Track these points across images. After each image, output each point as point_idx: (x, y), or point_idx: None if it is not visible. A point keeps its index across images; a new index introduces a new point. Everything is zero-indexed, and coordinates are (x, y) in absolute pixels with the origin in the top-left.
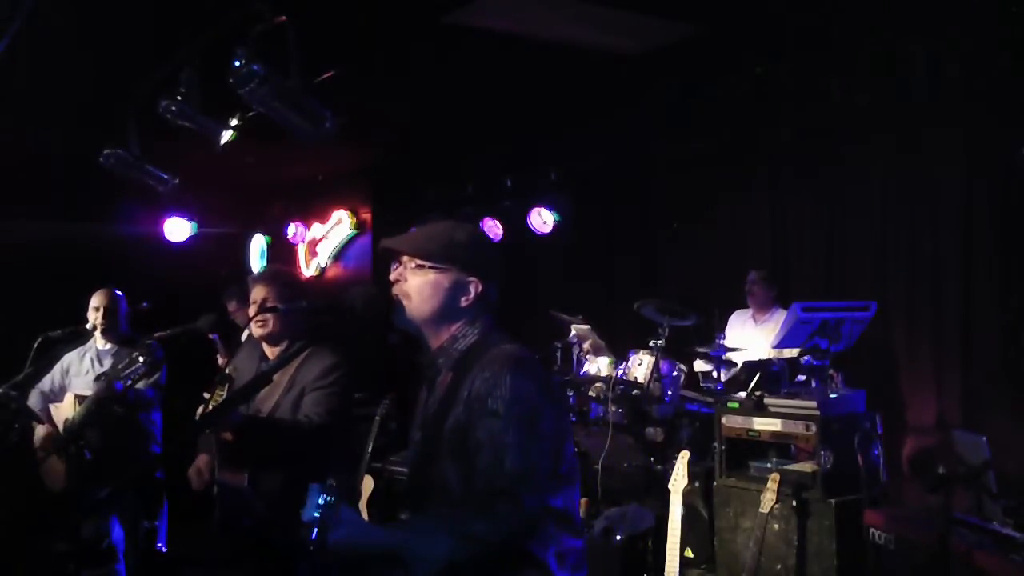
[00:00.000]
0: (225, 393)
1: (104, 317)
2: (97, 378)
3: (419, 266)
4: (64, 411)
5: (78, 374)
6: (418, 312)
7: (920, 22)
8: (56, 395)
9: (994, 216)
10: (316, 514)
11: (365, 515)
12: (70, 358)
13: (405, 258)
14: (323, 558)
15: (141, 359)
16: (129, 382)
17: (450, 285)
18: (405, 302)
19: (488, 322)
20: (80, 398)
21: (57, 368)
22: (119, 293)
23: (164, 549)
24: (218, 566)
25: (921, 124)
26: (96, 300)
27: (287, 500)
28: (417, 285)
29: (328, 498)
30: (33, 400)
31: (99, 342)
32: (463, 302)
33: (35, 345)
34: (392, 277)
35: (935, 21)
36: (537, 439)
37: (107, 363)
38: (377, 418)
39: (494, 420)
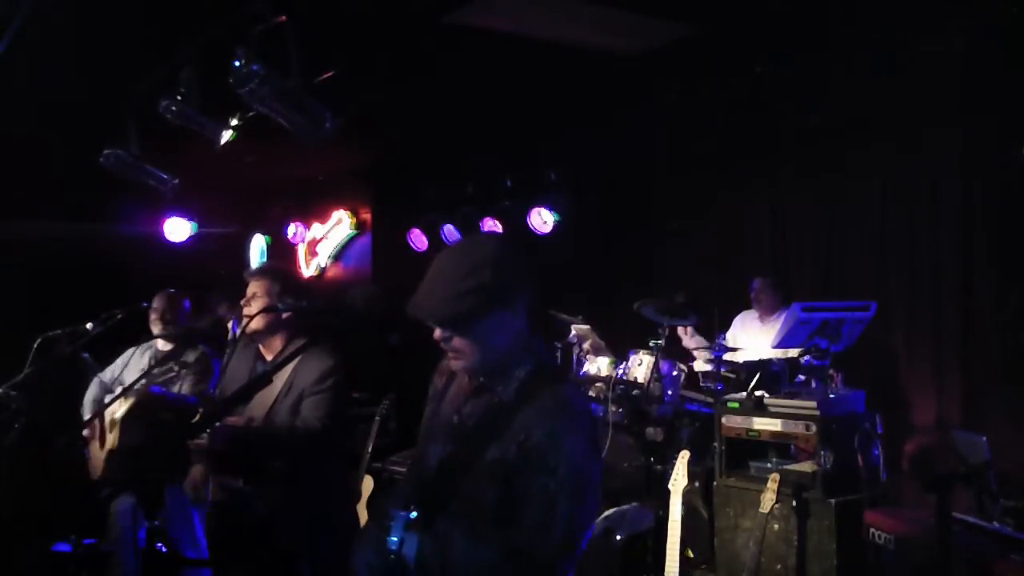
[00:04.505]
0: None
1: (160, 320)
2: (139, 379)
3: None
4: (115, 407)
5: (134, 370)
6: (475, 365)
7: (921, 22)
8: (113, 386)
9: (994, 216)
10: (397, 536)
11: (365, 515)
12: (132, 353)
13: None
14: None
15: (176, 368)
16: (171, 390)
17: (494, 327)
18: (459, 362)
19: (538, 344)
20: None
21: (120, 360)
22: (175, 293)
23: (164, 549)
24: (218, 566)
25: (921, 124)
26: (154, 303)
27: (287, 500)
28: (460, 345)
29: (410, 517)
30: (93, 389)
31: (160, 343)
32: (512, 327)
33: (35, 345)
34: (435, 336)
35: (935, 21)
36: (584, 506)
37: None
38: (377, 418)
39: (550, 479)
